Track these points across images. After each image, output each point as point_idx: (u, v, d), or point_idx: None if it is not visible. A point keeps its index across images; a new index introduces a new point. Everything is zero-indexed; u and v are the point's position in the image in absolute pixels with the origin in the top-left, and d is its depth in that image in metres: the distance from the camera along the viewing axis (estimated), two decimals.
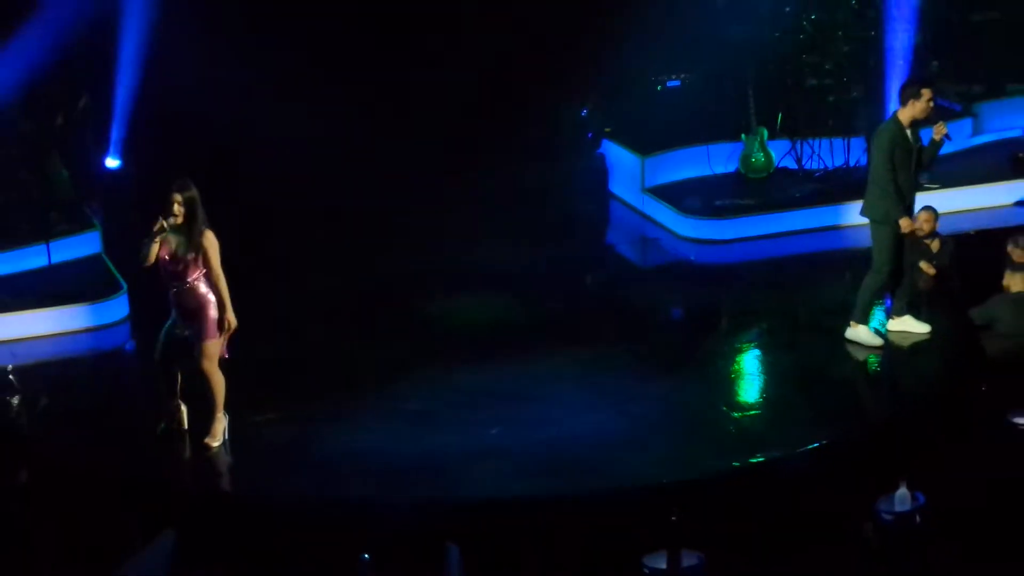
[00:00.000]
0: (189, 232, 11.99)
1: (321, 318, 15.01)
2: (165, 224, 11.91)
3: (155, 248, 11.98)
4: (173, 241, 12.02)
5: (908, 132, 13.73)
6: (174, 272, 12.07)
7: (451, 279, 15.85)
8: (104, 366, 14.58)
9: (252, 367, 13.04)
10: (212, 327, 12.15)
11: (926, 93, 13.70)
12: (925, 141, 13.89)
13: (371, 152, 17.81)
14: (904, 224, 13.65)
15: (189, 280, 12.04)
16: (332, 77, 17.93)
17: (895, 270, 13.88)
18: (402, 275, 15.97)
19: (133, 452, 12.47)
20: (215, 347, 12.19)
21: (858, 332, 13.98)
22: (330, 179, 17.35)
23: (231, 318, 12.18)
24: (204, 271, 12.07)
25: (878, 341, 13.97)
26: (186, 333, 12.18)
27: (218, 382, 12.28)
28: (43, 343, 14.75)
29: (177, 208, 11.93)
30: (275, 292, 15.20)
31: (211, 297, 12.14)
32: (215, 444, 12.35)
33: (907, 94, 13.77)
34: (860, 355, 13.92)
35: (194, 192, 11.97)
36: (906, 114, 13.72)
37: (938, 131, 13.80)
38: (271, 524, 11.51)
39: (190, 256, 12.00)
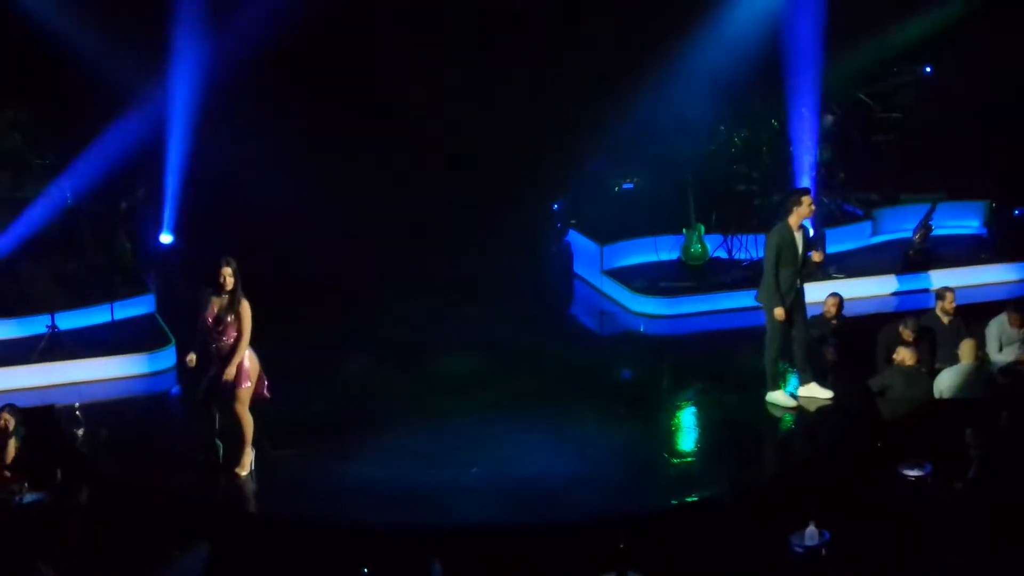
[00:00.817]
0: (231, 298, 12.03)
1: (332, 374, 14.85)
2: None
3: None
4: (216, 305, 12.03)
5: (796, 234, 13.64)
6: (214, 330, 12.05)
7: (442, 345, 15.69)
8: (154, 406, 14.48)
9: (275, 411, 12.89)
10: (244, 376, 12.10)
11: (805, 199, 13.65)
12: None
13: (375, 235, 17.75)
14: (778, 314, 13.54)
15: (227, 340, 12.02)
16: (338, 173, 17.97)
17: (784, 345, 13.77)
18: (402, 341, 15.80)
19: (176, 477, 12.38)
20: (246, 393, 12.16)
21: (775, 396, 13.86)
22: (338, 258, 17.30)
23: (232, 372, 12.03)
24: (237, 332, 12.04)
25: (792, 403, 13.85)
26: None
27: (248, 422, 12.23)
28: (104, 385, 14.69)
29: (228, 279, 11.98)
30: (294, 353, 15.03)
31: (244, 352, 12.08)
32: (244, 473, 12.28)
33: (790, 203, 13.73)
34: (777, 413, 13.80)
35: (236, 266, 12.06)
36: (793, 219, 13.64)
37: (815, 256, 13.83)
38: (288, 540, 11.37)
39: (229, 318, 12.00)
